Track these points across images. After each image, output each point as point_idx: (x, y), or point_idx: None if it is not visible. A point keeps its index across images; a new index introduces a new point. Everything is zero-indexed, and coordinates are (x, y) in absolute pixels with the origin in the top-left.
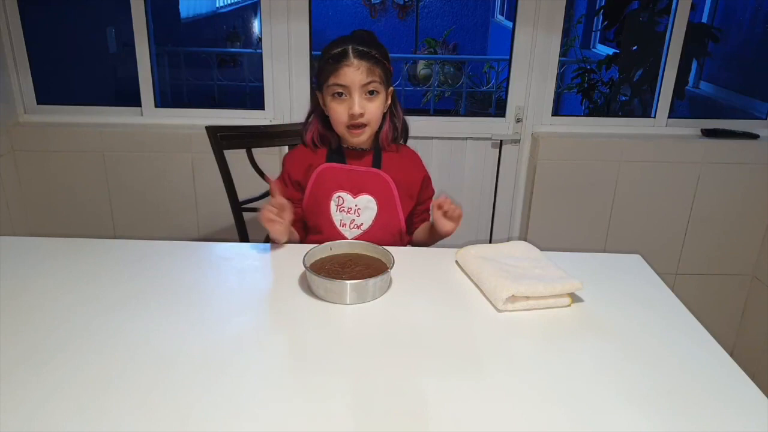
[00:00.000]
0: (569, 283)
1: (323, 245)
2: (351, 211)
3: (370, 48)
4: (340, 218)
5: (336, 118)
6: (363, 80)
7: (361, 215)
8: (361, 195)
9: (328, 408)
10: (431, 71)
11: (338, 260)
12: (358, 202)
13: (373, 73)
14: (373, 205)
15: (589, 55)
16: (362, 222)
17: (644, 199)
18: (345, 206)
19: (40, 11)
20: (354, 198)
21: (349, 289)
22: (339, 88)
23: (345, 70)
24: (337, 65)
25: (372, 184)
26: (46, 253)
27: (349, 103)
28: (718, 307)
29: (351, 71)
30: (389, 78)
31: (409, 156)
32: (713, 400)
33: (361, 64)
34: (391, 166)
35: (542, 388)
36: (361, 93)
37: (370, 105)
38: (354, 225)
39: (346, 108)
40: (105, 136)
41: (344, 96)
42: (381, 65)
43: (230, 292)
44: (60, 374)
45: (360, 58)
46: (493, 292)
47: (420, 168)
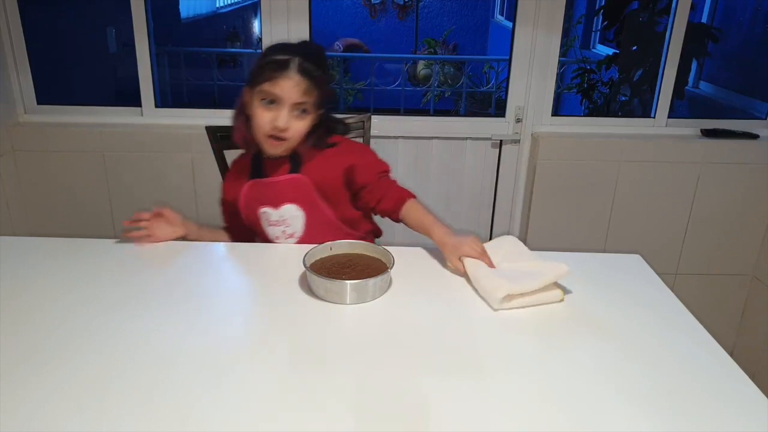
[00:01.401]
0: (557, 268)
1: (323, 245)
2: (278, 223)
3: (317, 68)
4: (273, 232)
5: (259, 124)
6: (297, 98)
7: (290, 225)
8: (284, 205)
9: (328, 408)
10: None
11: (338, 260)
12: (283, 213)
13: (308, 94)
14: (299, 212)
15: (589, 55)
16: (294, 231)
17: (644, 199)
18: (271, 220)
19: (40, 11)
20: (277, 210)
21: (349, 289)
22: (271, 96)
23: (284, 81)
24: (277, 74)
25: (292, 191)
26: (46, 253)
27: (276, 114)
28: (718, 307)
29: (289, 85)
30: (324, 102)
31: (332, 152)
32: (713, 400)
33: (302, 81)
34: (311, 167)
35: (542, 388)
36: (291, 109)
37: (296, 123)
38: (286, 235)
39: (272, 118)
40: (105, 136)
41: (273, 105)
42: (321, 89)
43: (230, 292)
44: (60, 374)
45: (303, 75)
46: (490, 292)
47: (340, 161)
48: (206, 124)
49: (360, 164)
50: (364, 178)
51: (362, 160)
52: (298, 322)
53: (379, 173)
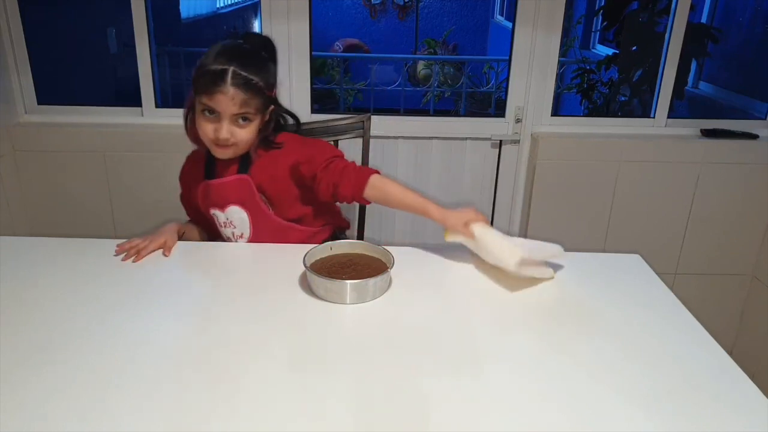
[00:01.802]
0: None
1: (323, 245)
2: (226, 224)
3: (255, 73)
4: (226, 233)
5: (202, 133)
6: (235, 110)
7: (236, 226)
8: (229, 206)
9: (328, 408)
10: (431, 71)
11: (338, 260)
12: (228, 215)
13: (247, 104)
14: (244, 214)
15: (589, 56)
16: (242, 231)
17: (644, 199)
18: (221, 221)
19: (40, 11)
20: (223, 212)
21: (349, 288)
22: (209, 108)
23: (218, 96)
24: (212, 87)
25: (236, 192)
26: (46, 253)
27: (217, 125)
28: (717, 306)
29: (225, 100)
30: (269, 103)
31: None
32: (713, 400)
33: (237, 93)
34: (258, 168)
35: (542, 388)
36: (232, 120)
37: (240, 131)
38: (236, 236)
39: (214, 129)
40: (105, 136)
41: (214, 116)
42: (260, 95)
43: (230, 292)
44: (60, 374)
45: (237, 87)
46: (505, 258)
47: (285, 159)
48: None
49: (303, 158)
50: (311, 169)
51: (305, 154)
52: (298, 322)
53: (327, 160)
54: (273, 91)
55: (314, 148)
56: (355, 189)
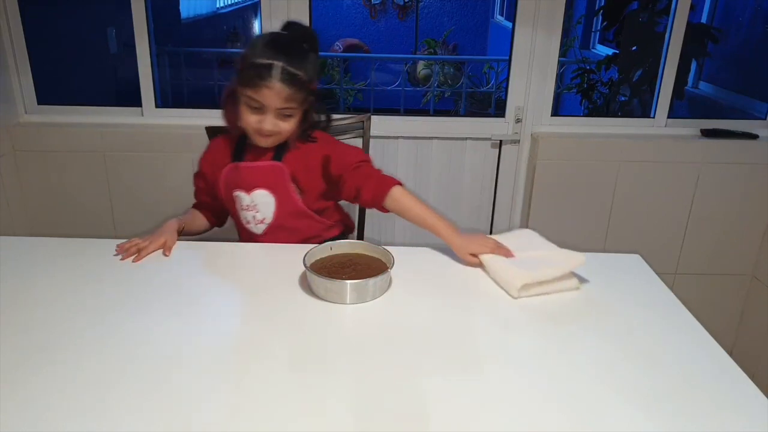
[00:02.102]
0: (574, 259)
1: (323, 245)
2: (249, 208)
3: (300, 67)
4: (245, 216)
5: (245, 122)
6: (281, 105)
7: (259, 210)
8: (255, 190)
9: (328, 408)
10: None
11: (338, 260)
12: (254, 198)
13: (292, 99)
14: (270, 199)
15: (589, 56)
16: (264, 216)
17: (644, 199)
18: (244, 204)
19: (40, 11)
20: (248, 195)
21: (349, 288)
22: (255, 102)
23: (265, 90)
24: (259, 81)
25: (266, 177)
26: (46, 253)
27: (261, 118)
28: (717, 306)
29: (271, 94)
30: (311, 96)
31: (312, 144)
32: (713, 400)
33: (283, 89)
34: (291, 156)
35: (542, 388)
36: (276, 114)
37: (282, 124)
38: (257, 221)
39: (258, 120)
40: (105, 136)
41: (258, 109)
42: (305, 89)
43: (230, 292)
44: (60, 374)
45: (284, 82)
46: (507, 280)
47: (318, 152)
48: (206, 124)
49: (335, 156)
50: (339, 168)
51: (337, 152)
52: (298, 322)
53: (356, 163)
54: (314, 83)
55: (346, 149)
56: (376, 197)
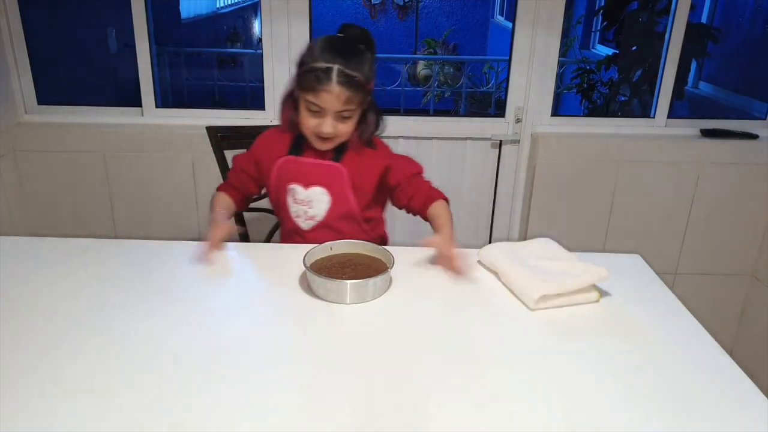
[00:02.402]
0: (595, 273)
1: (323, 245)
2: (303, 202)
3: (357, 69)
4: (295, 210)
5: (306, 126)
6: (340, 107)
7: (313, 207)
8: (313, 187)
9: (328, 407)
10: (431, 72)
11: (338, 260)
12: (310, 194)
13: (351, 101)
14: (326, 197)
15: (589, 56)
16: (315, 213)
17: (644, 199)
18: (298, 198)
19: (40, 11)
20: (305, 190)
21: (349, 288)
22: (314, 106)
23: (324, 94)
24: (318, 85)
25: (325, 175)
26: (46, 253)
27: (321, 121)
28: (717, 306)
29: (330, 98)
30: (368, 97)
31: (372, 151)
32: (713, 400)
33: (342, 92)
34: (351, 159)
35: (541, 388)
36: (335, 116)
37: (341, 126)
38: (307, 216)
39: (318, 124)
40: (105, 136)
41: (318, 113)
42: (362, 90)
43: (231, 292)
44: (60, 374)
45: (342, 85)
46: (524, 291)
47: (379, 159)
48: (206, 124)
49: (395, 165)
50: (398, 177)
51: (398, 163)
52: (298, 322)
53: (413, 174)
54: (371, 83)
55: (405, 161)
56: (424, 206)
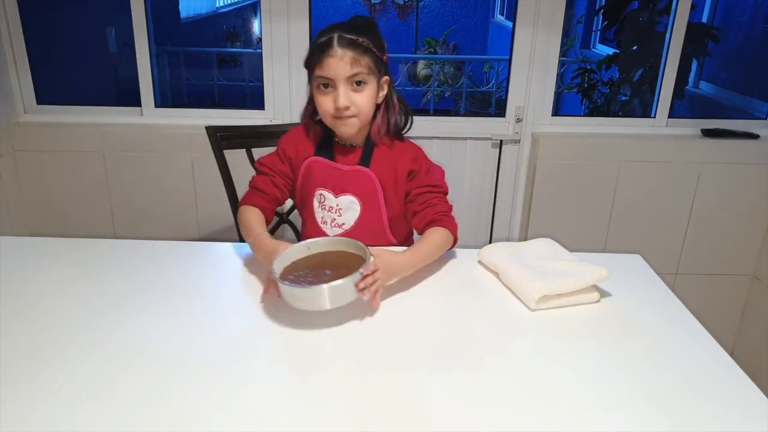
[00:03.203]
0: (596, 273)
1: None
2: (332, 210)
3: (359, 35)
4: (322, 216)
5: (322, 110)
6: (348, 72)
7: (342, 215)
8: (343, 195)
9: (328, 408)
10: (431, 71)
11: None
12: (340, 202)
13: (358, 63)
14: (357, 206)
15: (589, 55)
16: (343, 222)
17: (644, 199)
18: (326, 204)
19: (40, 11)
20: (336, 197)
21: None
22: (324, 80)
23: (328, 61)
24: (321, 56)
25: (356, 183)
26: (46, 253)
27: (334, 95)
28: (718, 307)
29: (334, 62)
30: (381, 67)
31: (402, 151)
32: (713, 400)
33: (346, 53)
34: (380, 164)
35: (541, 388)
36: (347, 84)
37: (357, 96)
38: (335, 224)
39: (332, 100)
40: (105, 136)
41: (330, 88)
42: (369, 54)
43: (230, 292)
44: (60, 374)
45: (344, 47)
46: (524, 292)
47: (407, 162)
48: (206, 124)
49: (419, 170)
50: (415, 184)
51: (423, 168)
52: (298, 321)
53: (428, 187)
54: (384, 55)
55: (428, 169)
56: (424, 229)
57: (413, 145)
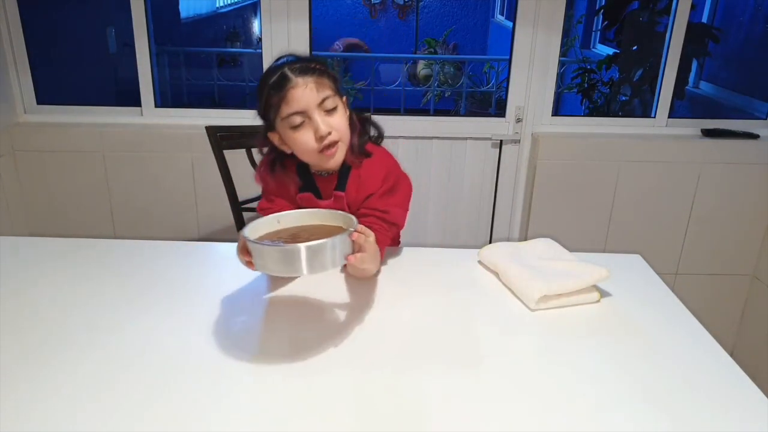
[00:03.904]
0: (596, 273)
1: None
2: None
3: (308, 61)
4: None
5: (303, 147)
6: (317, 98)
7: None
8: None
9: (328, 407)
10: (431, 71)
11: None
12: None
13: (323, 86)
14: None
15: (589, 55)
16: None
17: (644, 199)
18: None
19: (40, 11)
20: None
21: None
22: (296, 116)
23: (293, 93)
24: (282, 92)
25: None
26: (46, 253)
27: (312, 126)
28: (718, 307)
29: (300, 92)
30: (339, 86)
31: (373, 169)
32: (713, 400)
33: (307, 80)
34: (352, 185)
35: (541, 388)
36: (320, 111)
37: (333, 120)
38: None
39: (311, 132)
40: (105, 136)
41: (303, 122)
42: (327, 75)
43: (230, 292)
44: (60, 374)
45: (303, 75)
46: (524, 292)
47: (377, 182)
48: (206, 124)
49: (378, 191)
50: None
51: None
52: (298, 321)
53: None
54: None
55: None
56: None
57: (385, 160)
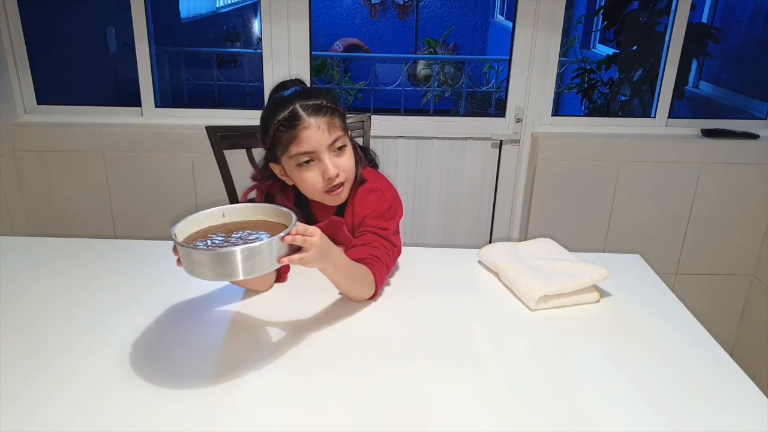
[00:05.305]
0: (596, 273)
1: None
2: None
3: (317, 98)
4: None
5: (310, 186)
6: (328, 140)
7: None
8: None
9: (328, 408)
10: (431, 71)
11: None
12: None
13: (334, 126)
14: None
15: (589, 55)
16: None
17: (644, 199)
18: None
19: (40, 11)
20: None
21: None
22: (305, 155)
23: (305, 134)
24: (293, 131)
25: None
26: (46, 253)
27: (321, 167)
28: (718, 307)
29: (312, 133)
30: (346, 121)
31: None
32: (713, 400)
33: (319, 121)
34: (351, 211)
35: (541, 388)
36: (329, 152)
37: (341, 161)
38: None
39: (319, 173)
40: (105, 136)
41: (311, 162)
42: (337, 114)
43: (230, 292)
44: (60, 374)
45: (315, 115)
46: (525, 292)
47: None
48: (206, 124)
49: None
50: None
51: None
52: (298, 320)
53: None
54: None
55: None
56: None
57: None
